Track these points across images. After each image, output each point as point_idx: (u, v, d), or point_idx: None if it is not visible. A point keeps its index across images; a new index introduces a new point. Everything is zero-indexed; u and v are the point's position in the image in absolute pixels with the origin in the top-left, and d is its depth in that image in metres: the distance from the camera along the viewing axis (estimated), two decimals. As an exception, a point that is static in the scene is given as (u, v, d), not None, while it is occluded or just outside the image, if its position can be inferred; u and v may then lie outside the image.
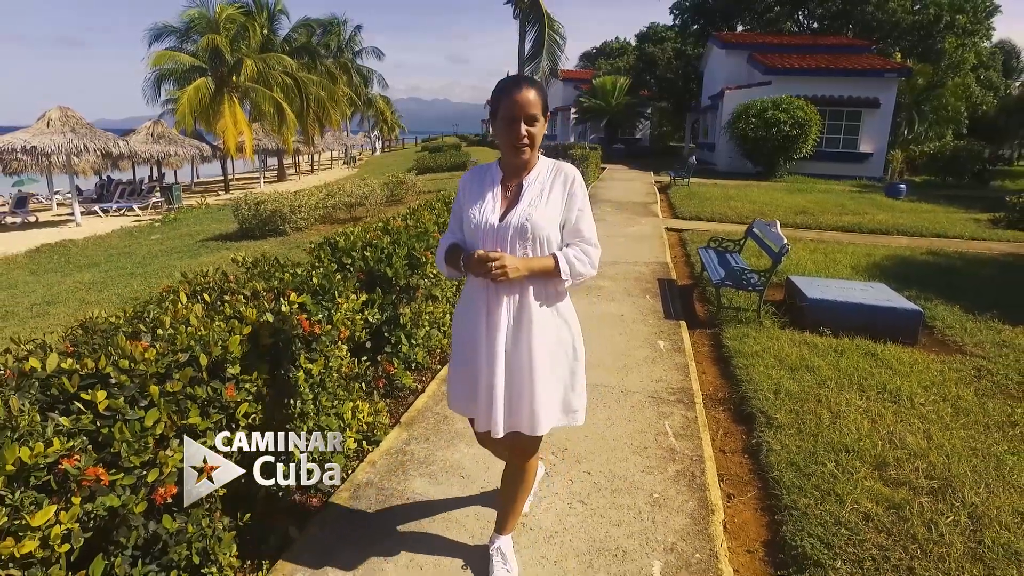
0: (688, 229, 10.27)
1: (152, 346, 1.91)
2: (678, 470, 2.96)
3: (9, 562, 1.43)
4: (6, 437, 1.44)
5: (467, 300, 2.04)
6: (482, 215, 1.92)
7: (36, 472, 1.48)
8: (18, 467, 1.43)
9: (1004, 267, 8.15)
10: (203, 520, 2.11)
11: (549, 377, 1.96)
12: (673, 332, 4.93)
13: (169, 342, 1.98)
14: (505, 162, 1.99)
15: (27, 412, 1.53)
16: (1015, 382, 4.16)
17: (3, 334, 5.68)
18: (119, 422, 1.71)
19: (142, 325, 2.07)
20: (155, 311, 2.35)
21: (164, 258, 9.67)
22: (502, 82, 1.88)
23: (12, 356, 1.80)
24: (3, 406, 1.52)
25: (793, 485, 2.84)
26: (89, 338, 2.03)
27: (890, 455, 3.08)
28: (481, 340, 1.94)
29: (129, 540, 1.86)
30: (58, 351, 1.81)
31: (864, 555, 2.39)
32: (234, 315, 2.31)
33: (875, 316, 5.05)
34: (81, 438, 1.63)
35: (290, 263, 3.20)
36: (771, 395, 3.74)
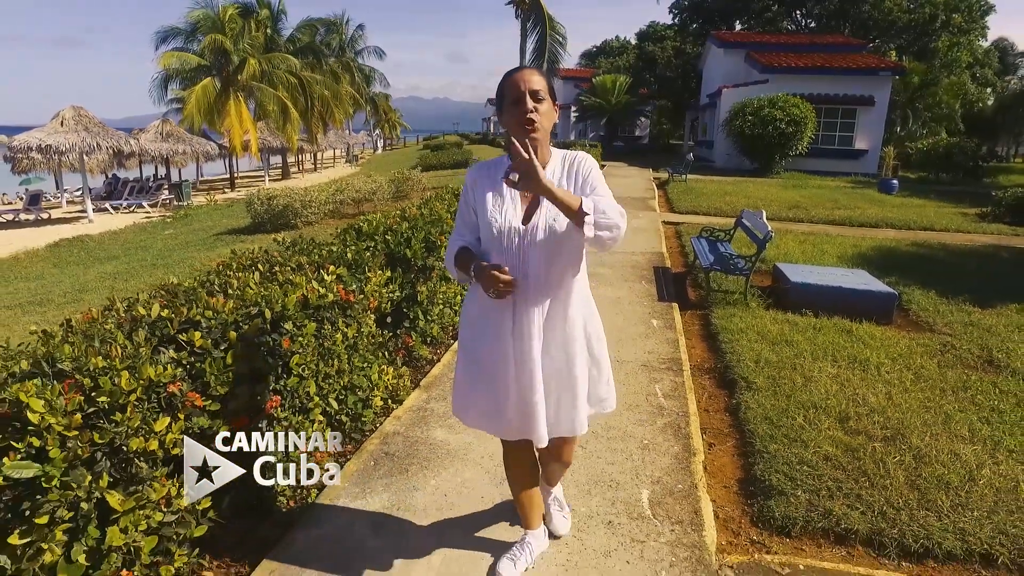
0: (684, 222, 10.68)
1: (227, 301, 2.33)
2: (665, 423, 3.38)
3: (140, 456, 1.85)
4: (137, 360, 1.86)
5: (484, 308, 1.90)
6: (504, 219, 1.83)
7: (157, 389, 1.89)
8: (147, 384, 1.85)
9: (983, 257, 8.56)
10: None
11: (586, 378, 1.94)
12: (666, 312, 5.36)
13: (239, 299, 2.40)
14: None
15: (146, 345, 1.95)
16: (975, 355, 4.58)
17: (44, 318, 6.10)
18: (208, 358, 2.13)
19: (216, 286, 2.48)
20: (217, 279, 2.77)
21: (181, 251, 10.09)
22: (506, 72, 1.85)
23: (122, 306, 2.22)
24: (128, 340, 1.94)
25: (766, 435, 3.25)
26: (172, 297, 2.44)
27: (852, 411, 3.50)
28: (508, 352, 1.85)
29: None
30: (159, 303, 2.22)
31: (821, 486, 2.80)
32: (286, 281, 2.73)
33: (853, 298, 5.46)
34: (182, 369, 2.05)
35: (324, 243, 3.62)
36: (752, 364, 4.16)
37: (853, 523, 2.57)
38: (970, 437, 3.27)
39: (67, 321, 2.18)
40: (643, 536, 2.46)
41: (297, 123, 23.84)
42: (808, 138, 19.86)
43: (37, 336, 2.06)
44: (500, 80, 1.85)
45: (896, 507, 2.67)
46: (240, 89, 23.02)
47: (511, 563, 2.20)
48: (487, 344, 1.90)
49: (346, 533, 2.46)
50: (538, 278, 1.82)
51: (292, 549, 2.36)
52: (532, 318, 1.83)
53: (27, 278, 9.20)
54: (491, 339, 1.88)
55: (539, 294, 1.83)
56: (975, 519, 2.59)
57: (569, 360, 1.88)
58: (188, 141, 20.80)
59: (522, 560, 2.22)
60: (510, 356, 1.85)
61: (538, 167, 1.57)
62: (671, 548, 2.39)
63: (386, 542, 2.40)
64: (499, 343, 1.86)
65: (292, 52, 27.64)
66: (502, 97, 1.83)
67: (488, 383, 1.92)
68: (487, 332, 1.89)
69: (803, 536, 2.58)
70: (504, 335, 1.85)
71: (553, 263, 1.83)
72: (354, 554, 2.34)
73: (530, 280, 1.82)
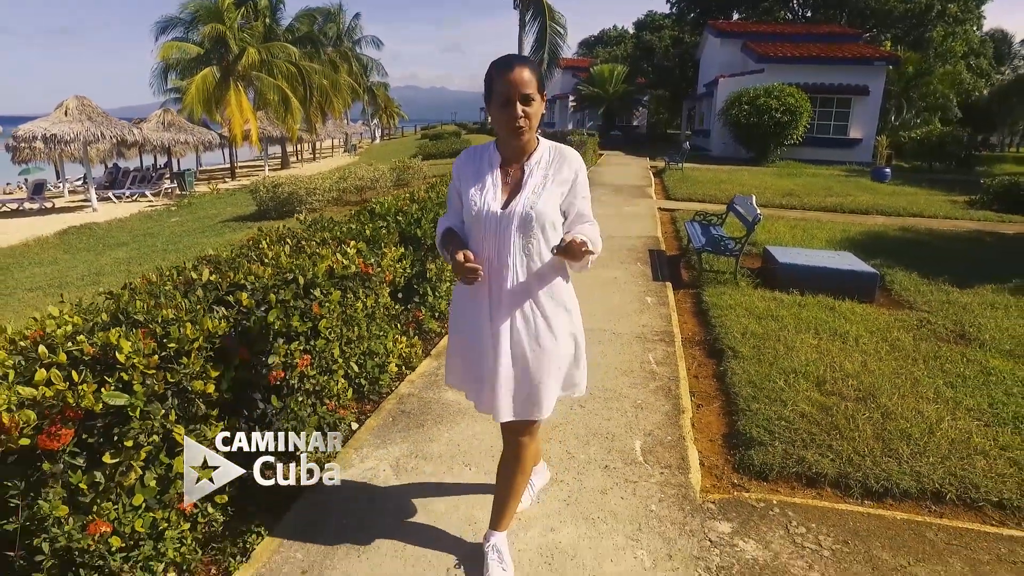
0: (679, 209, 10.96)
1: (265, 268, 2.62)
2: (657, 386, 3.69)
3: (200, 397, 2.14)
4: (198, 314, 2.15)
5: (467, 288, 1.97)
6: (483, 202, 1.87)
7: (213, 339, 2.19)
8: (206, 334, 2.14)
9: (968, 242, 8.88)
10: (293, 405, 2.83)
11: (554, 366, 1.96)
12: (659, 291, 5.66)
13: (276, 267, 2.68)
14: (503, 145, 1.93)
15: (203, 303, 2.24)
16: (948, 330, 4.89)
17: (67, 299, 6.36)
18: (253, 316, 2.42)
19: (253, 255, 2.77)
20: (252, 252, 3.06)
21: (190, 237, 10.36)
22: (494, 63, 1.83)
23: (175, 271, 2.50)
24: (185, 298, 2.23)
25: (749, 396, 3.56)
26: (216, 266, 2.73)
27: (829, 376, 3.81)
28: (485, 330, 1.93)
29: (251, 412, 2.57)
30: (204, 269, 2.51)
31: (796, 438, 3.11)
32: (313, 254, 3.02)
33: (838, 278, 5.76)
34: (228, 326, 2.34)
35: (342, 221, 3.90)
36: (739, 335, 4.47)
37: (823, 468, 2.89)
38: (934, 398, 3.59)
39: (128, 284, 2.47)
40: (635, 478, 2.77)
41: (298, 112, 23.97)
42: (803, 127, 20.12)
43: (104, 296, 2.36)
44: (489, 69, 1.83)
45: (862, 455, 2.98)
46: (240, 79, 23.15)
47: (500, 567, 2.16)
48: (467, 323, 1.99)
49: (371, 476, 2.77)
50: (513, 261, 1.87)
51: (324, 488, 2.66)
52: (503, 300, 1.89)
53: (41, 263, 9.46)
54: (470, 318, 1.97)
55: (515, 278, 1.88)
56: (930, 464, 2.90)
57: (538, 346, 1.92)
58: (190, 131, 20.98)
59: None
60: (485, 335, 1.92)
61: (578, 240, 1.72)
62: (660, 487, 2.70)
63: (407, 482, 2.71)
64: (476, 323, 1.95)
65: (291, 41, 27.72)
66: (491, 90, 1.83)
67: (465, 357, 2.03)
68: (468, 311, 1.99)
69: (779, 480, 2.89)
70: (481, 315, 1.93)
71: (529, 248, 1.87)
72: (379, 492, 2.64)
73: (505, 263, 1.87)
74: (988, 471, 2.87)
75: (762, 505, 2.63)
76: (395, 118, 54.69)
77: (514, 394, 1.95)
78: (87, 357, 1.89)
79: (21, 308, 6.24)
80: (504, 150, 1.94)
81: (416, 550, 2.28)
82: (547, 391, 1.95)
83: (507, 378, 1.92)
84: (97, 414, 1.85)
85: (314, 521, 2.47)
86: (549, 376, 1.95)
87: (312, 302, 2.84)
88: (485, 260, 1.89)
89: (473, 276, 1.78)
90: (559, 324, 1.95)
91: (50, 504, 1.81)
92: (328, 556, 2.25)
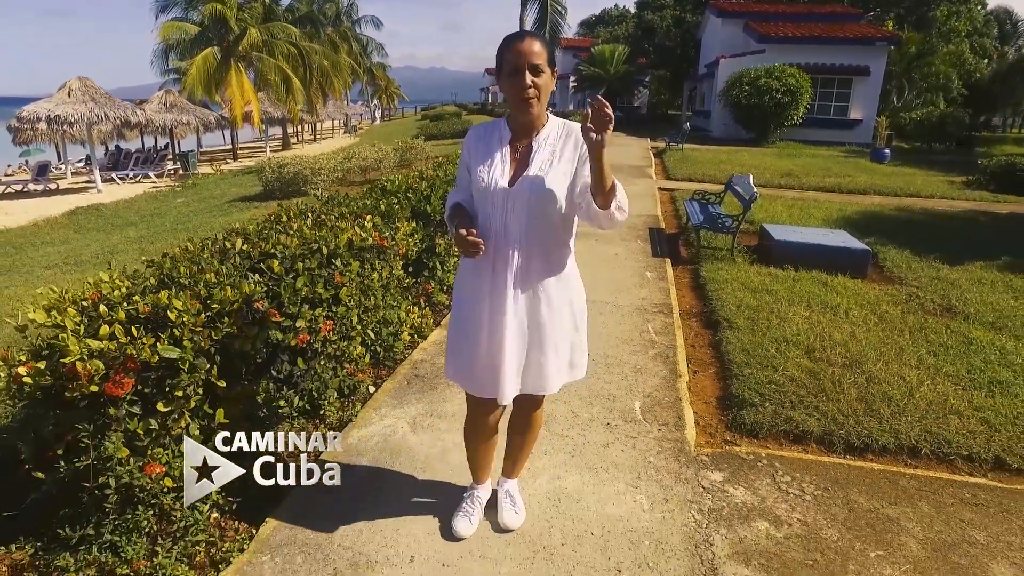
0: (679, 189, 11.12)
1: (292, 239, 2.82)
2: (656, 353, 3.91)
3: (237, 355, 2.36)
4: (236, 279, 2.35)
5: (471, 264, 1.97)
6: (491, 177, 1.88)
7: (250, 302, 2.39)
8: (244, 297, 2.34)
9: (962, 221, 9.05)
10: (317, 367, 3.04)
11: (559, 343, 1.99)
12: (659, 266, 5.86)
13: (302, 238, 2.88)
14: (514, 120, 1.92)
15: (239, 270, 2.45)
16: (936, 303, 5.10)
17: (83, 276, 6.57)
18: (283, 283, 2.63)
19: (279, 227, 2.97)
20: (275, 226, 3.25)
21: (198, 217, 10.53)
22: (506, 37, 1.84)
23: (210, 241, 2.70)
24: (222, 265, 2.44)
25: (742, 362, 3.78)
26: (246, 237, 2.93)
27: (818, 344, 4.03)
28: (484, 307, 1.94)
29: (280, 371, 2.79)
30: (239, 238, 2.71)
31: (785, 400, 3.34)
32: (334, 226, 3.21)
33: (831, 254, 5.96)
34: (263, 290, 2.55)
35: (357, 197, 4.09)
36: (734, 308, 4.68)
37: (809, 426, 3.12)
38: (916, 364, 3.81)
39: (165, 253, 2.67)
40: (635, 434, 3.00)
41: (299, 93, 23.96)
42: (804, 108, 20.15)
43: (145, 263, 2.56)
44: (500, 44, 1.84)
45: (846, 415, 3.20)
46: (241, 59, 23.11)
47: (466, 519, 2.29)
48: (469, 299, 1.99)
49: (390, 432, 3.00)
50: (518, 238, 1.88)
51: (346, 444, 2.88)
52: (507, 276, 1.89)
53: (52, 243, 9.65)
54: (472, 294, 1.97)
55: (518, 253, 1.88)
56: (908, 423, 3.13)
57: (545, 322, 1.94)
58: (192, 111, 21.00)
59: (475, 514, 2.31)
60: (485, 311, 1.93)
61: (610, 130, 1.61)
62: (658, 442, 2.93)
63: (424, 437, 2.94)
64: (478, 299, 1.94)
65: (290, 21, 27.59)
66: (501, 64, 1.83)
67: (465, 338, 2.01)
68: (471, 287, 1.98)
69: (768, 437, 3.12)
70: (482, 291, 1.93)
71: (534, 225, 1.88)
72: (399, 446, 2.87)
73: (510, 239, 1.88)
74: (961, 429, 3.10)
75: (751, 458, 2.86)
76: (395, 99, 54.45)
77: (521, 370, 1.97)
78: (142, 316, 2.10)
79: (42, 283, 6.44)
80: (514, 125, 1.93)
81: (435, 495, 2.51)
82: (551, 366, 1.98)
83: (512, 353, 1.93)
84: (152, 366, 2.07)
85: (343, 469, 2.70)
86: (553, 351, 1.98)
87: (334, 271, 3.05)
88: (492, 235, 1.89)
89: (475, 250, 1.78)
90: (563, 301, 1.98)
91: (114, 446, 2.04)
92: (357, 499, 2.48)
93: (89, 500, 2.12)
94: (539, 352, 1.97)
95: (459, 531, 2.26)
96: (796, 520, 2.43)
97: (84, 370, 1.89)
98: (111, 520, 2.13)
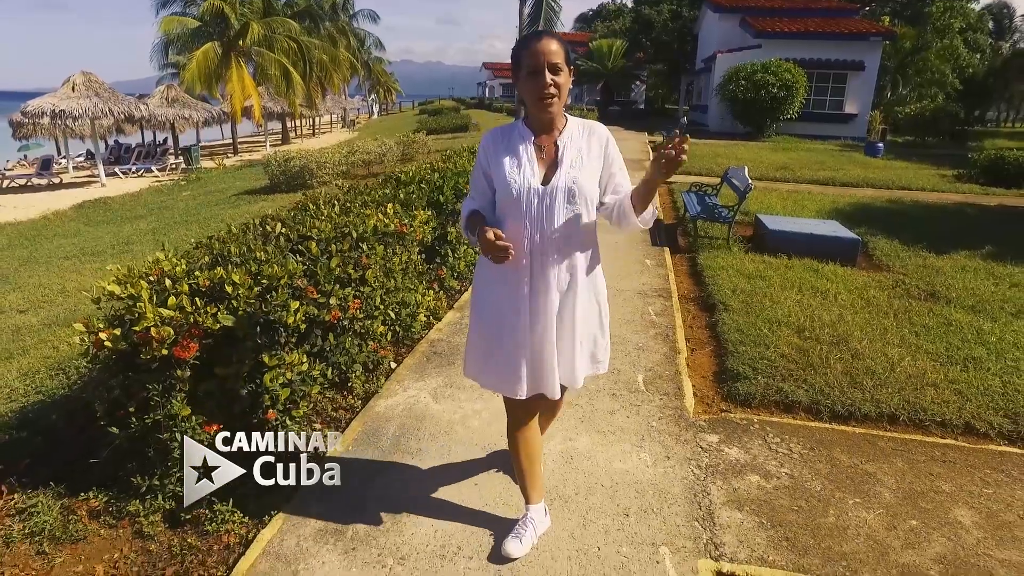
0: (676, 181, 11.36)
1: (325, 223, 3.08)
2: (656, 332, 4.19)
3: (282, 327, 2.62)
4: (276, 258, 2.61)
5: (501, 270, 1.92)
6: (523, 179, 1.85)
7: (292, 278, 2.65)
8: (288, 274, 2.60)
9: (950, 213, 9.33)
10: (347, 343, 3.31)
11: (584, 338, 2.02)
12: (658, 255, 6.14)
13: (333, 223, 3.14)
14: (534, 120, 1.92)
15: (280, 250, 2.71)
16: (921, 289, 5.38)
17: (104, 266, 6.81)
18: (319, 263, 2.89)
19: (309, 214, 3.23)
20: (301, 213, 3.51)
21: (207, 209, 10.75)
22: (522, 37, 1.85)
23: (252, 225, 2.96)
24: (266, 246, 2.70)
25: (736, 340, 4.06)
26: (281, 222, 3.19)
27: (808, 325, 4.31)
28: (524, 309, 1.92)
29: (313, 344, 3.05)
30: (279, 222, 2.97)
31: (775, 373, 3.62)
32: (359, 213, 3.47)
33: (823, 243, 6.23)
34: (302, 268, 2.81)
35: (376, 187, 4.35)
36: (729, 292, 4.95)
37: (798, 397, 3.39)
38: (899, 343, 4.09)
39: (211, 237, 2.93)
40: (639, 402, 3.27)
41: (299, 88, 24.10)
42: (799, 103, 20.41)
43: (192, 244, 2.82)
44: (516, 44, 1.86)
45: (831, 386, 3.48)
46: (241, 54, 23.24)
47: (517, 540, 2.18)
48: (504, 304, 1.95)
49: (414, 401, 3.27)
50: (556, 238, 1.87)
51: (374, 412, 3.15)
52: (549, 277, 1.89)
53: (65, 235, 9.87)
54: (508, 299, 1.94)
55: (557, 254, 1.88)
56: (889, 394, 3.41)
57: (577, 318, 1.96)
58: (193, 106, 21.16)
59: (527, 536, 2.20)
60: (525, 313, 1.92)
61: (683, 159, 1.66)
62: (659, 409, 3.21)
63: (446, 406, 3.21)
64: (515, 302, 1.92)
65: (289, 16, 27.69)
66: (519, 65, 1.83)
67: (503, 343, 1.97)
68: (504, 293, 1.95)
69: (759, 406, 3.39)
70: (520, 294, 1.91)
71: (571, 223, 1.87)
72: (423, 412, 3.14)
73: (548, 240, 1.87)
74: (936, 399, 3.38)
75: (744, 423, 3.14)
76: (392, 93, 54.53)
77: (558, 368, 1.98)
78: (202, 289, 2.36)
79: (62, 273, 6.68)
80: (535, 125, 1.93)
81: (458, 457, 2.78)
82: (580, 361, 2.02)
83: (552, 355, 1.94)
84: (212, 333, 2.33)
85: (374, 430, 2.97)
86: (580, 346, 2.00)
87: (361, 254, 3.32)
88: (524, 239, 1.86)
89: (504, 256, 1.75)
90: (593, 300, 2.02)
91: (179, 404, 2.30)
92: (388, 459, 2.75)
93: (155, 454, 2.39)
94: (570, 348, 1.98)
95: (509, 552, 2.16)
96: (784, 474, 2.71)
97: (157, 335, 2.15)
98: (174, 472, 2.40)
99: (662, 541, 2.26)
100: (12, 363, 3.91)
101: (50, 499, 2.42)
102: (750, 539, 2.30)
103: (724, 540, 2.29)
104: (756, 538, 2.30)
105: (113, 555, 2.24)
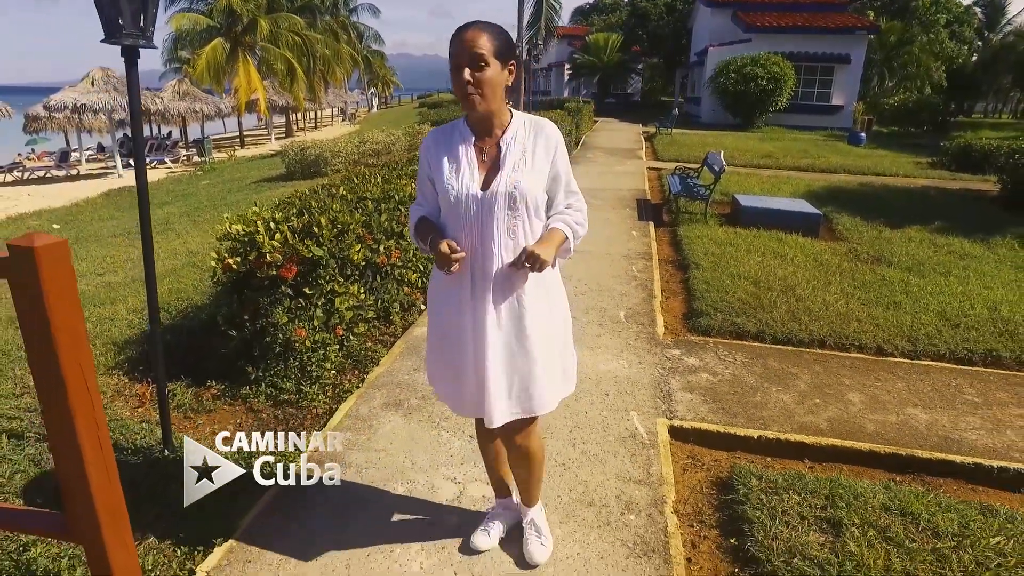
0: (665, 168, 12.23)
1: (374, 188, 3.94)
2: (637, 283, 5.07)
3: (350, 263, 3.48)
4: (345, 211, 3.48)
5: (445, 282, 1.80)
6: (461, 184, 1.72)
7: (353, 227, 3.51)
8: (353, 221, 3.46)
9: (913, 195, 10.20)
10: (389, 286, 4.17)
11: (544, 352, 1.82)
12: (643, 227, 7.02)
13: (381, 188, 4.01)
14: (471, 119, 1.77)
15: (343, 211, 3.58)
16: (869, 255, 6.26)
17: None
18: (375, 216, 3.75)
19: (359, 182, 4.09)
20: (351, 183, 4.37)
21: (232, 195, 11.59)
22: (456, 28, 1.68)
23: (320, 188, 3.82)
24: (337, 202, 3.56)
25: (703, 289, 4.93)
26: (346, 185, 4.05)
27: (763, 278, 5.18)
28: (467, 324, 1.78)
29: (367, 282, 3.91)
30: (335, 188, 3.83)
31: (731, 310, 4.49)
32: (397, 180, 4.34)
33: (789, 217, 7.11)
34: (363, 219, 3.66)
35: (406, 163, 5.21)
36: (702, 255, 5.83)
37: (747, 328, 4.27)
38: (837, 292, 4.97)
39: (294, 193, 3.78)
40: (620, 330, 4.15)
41: (303, 82, 24.88)
42: (787, 95, 21.26)
43: (275, 201, 3.68)
44: None
45: (775, 321, 4.36)
46: (247, 49, 24.00)
47: (485, 534, 2.19)
48: (449, 316, 1.83)
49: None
50: (497, 247, 1.73)
51: (412, 335, 4.02)
52: (488, 288, 1.74)
53: (102, 219, 10.71)
54: (452, 310, 1.81)
55: (498, 263, 1.73)
56: (820, 326, 4.28)
57: (524, 335, 1.78)
58: (204, 100, 21.93)
59: (494, 530, 2.21)
60: (468, 328, 1.78)
61: (540, 253, 1.63)
62: (636, 334, 4.09)
63: (468, 333, 4.09)
64: (459, 315, 1.79)
65: (291, 11, 28.42)
66: (450, 57, 1.67)
67: (449, 358, 1.86)
68: (449, 303, 1.82)
69: (717, 335, 4.26)
70: (464, 307, 1.78)
71: (514, 231, 1.74)
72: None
73: (488, 248, 1.72)
74: (858, 329, 4.26)
75: (702, 343, 4.03)
76: (391, 87, 55.20)
77: (507, 391, 1.81)
78: (296, 229, 3.22)
79: (118, 247, 7.53)
80: (475, 125, 1.78)
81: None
82: (540, 381, 1.82)
83: (497, 374, 1.78)
84: (304, 260, 3.19)
85: (413, 346, 3.84)
86: (540, 365, 1.81)
87: (401, 213, 4.18)
88: (466, 246, 1.73)
89: (458, 267, 1.70)
90: (545, 310, 1.83)
91: (279, 313, 3.17)
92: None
93: (259, 353, 3.26)
94: (525, 365, 1.80)
95: (477, 545, 2.17)
96: (727, 373, 3.59)
97: (271, 258, 3.01)
98: (273, 367, 3.27)
99: (632, 409, 3.15)
100: (119, 304, 4.78)
101: (183, 388, 3.29)
102: (696, 409, 3.18)
103: (677, 409, 3.17)
104: (700, 408, 3.19)
105: (235, 420, 3.11)
